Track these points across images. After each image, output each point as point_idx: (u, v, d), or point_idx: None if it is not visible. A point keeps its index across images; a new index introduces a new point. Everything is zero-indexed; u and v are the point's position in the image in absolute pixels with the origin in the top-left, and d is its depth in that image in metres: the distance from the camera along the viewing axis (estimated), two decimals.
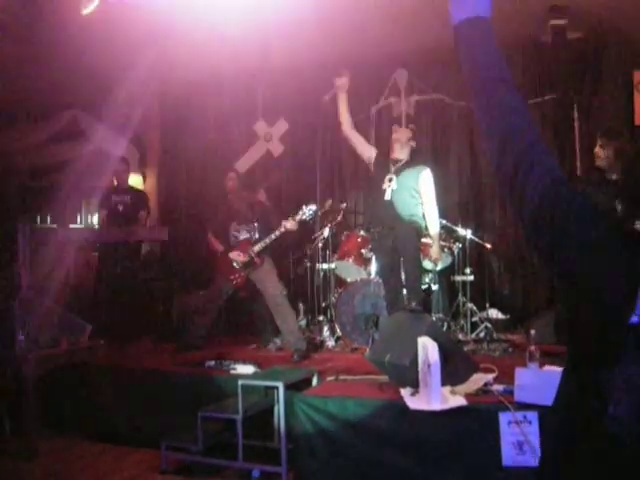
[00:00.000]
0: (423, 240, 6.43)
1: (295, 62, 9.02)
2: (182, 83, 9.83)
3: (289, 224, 6.83)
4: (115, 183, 8.12)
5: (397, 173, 6.24)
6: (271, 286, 6.89)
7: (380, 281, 6.83)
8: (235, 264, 6.94)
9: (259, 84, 9.55)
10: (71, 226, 10.86)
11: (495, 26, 1.64)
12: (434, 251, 6.40)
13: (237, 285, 6.99)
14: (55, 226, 11.07)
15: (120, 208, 7.87)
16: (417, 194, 6.22)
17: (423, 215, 6.25)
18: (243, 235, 7.06)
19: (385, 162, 6.36)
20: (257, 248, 6.89)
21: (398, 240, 6.11)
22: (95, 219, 10.69)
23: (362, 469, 4.46)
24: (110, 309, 7.43)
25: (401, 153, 6.36)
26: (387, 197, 6.20)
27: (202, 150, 9.99)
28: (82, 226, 11.08)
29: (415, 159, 6.55)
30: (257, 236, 7.01)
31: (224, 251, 7.07)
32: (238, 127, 9.94)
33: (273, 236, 6.86)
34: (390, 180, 6.23)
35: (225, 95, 9.91)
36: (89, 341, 6.23)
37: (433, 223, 6.27)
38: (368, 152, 6.49)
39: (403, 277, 6.37)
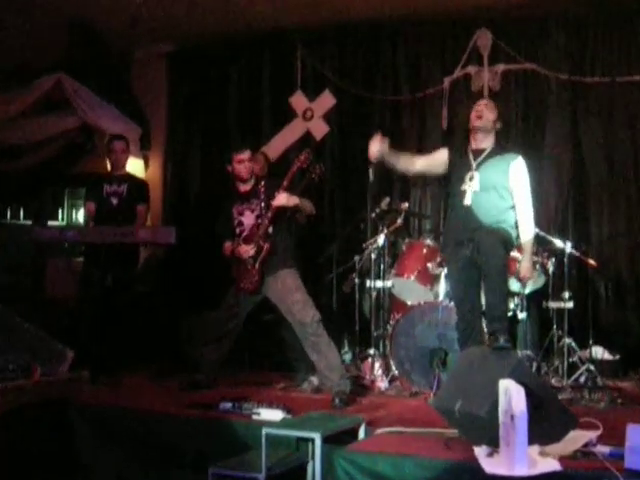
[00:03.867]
0: (512, 254, 6.33)
1: (345, 19, 9.02)
2: (198, 41, 9.91)
3: (277, 199, 6.62)
4: (108, 169, 8.15)
5: (479, 168, 6.15)
6: (298, 310, 6.63)
7: (451, 305, 6.82)
8: (248, 264, 6.77)
9: (298, 44, 9.58)
10: (50, 223, 10.99)
11: None
12: (524, 267, 6.24)
13: (250, 288, 6.77)
14: (30, 223, 11.22)
15: (114, 201, 7.87)
16: (507, 193, 6.09)
17: (515, 223, 6.11)
18: (248, 219, 6.90)
19: (463, 157, 6.28)
20: (261, 231, 6.73)
21: (479, 252, 5.91)
22: (81, 215, 10.79)
23: None
24: (97, 331, 7.44)
25: (484, 141, 6.24)
26: (467, 202, 6.09)
27: (221, 130, 10.02)
28: (64, 223, 11.20)
29: (503, 146, 6.45)
30: (266, 216, 6.77)
31: (232, 250, 6.89)
32: (269, 100, 9.96)
33: (269, 215, 6.69)
34: (471, 179, 6.11)
35: (253, 59, 9.95)
36: (69, 372, 6.24)
37: (527, 229, 6.12)
38: (440, 161, 6.44)
39: (483, 301, 6.29)
